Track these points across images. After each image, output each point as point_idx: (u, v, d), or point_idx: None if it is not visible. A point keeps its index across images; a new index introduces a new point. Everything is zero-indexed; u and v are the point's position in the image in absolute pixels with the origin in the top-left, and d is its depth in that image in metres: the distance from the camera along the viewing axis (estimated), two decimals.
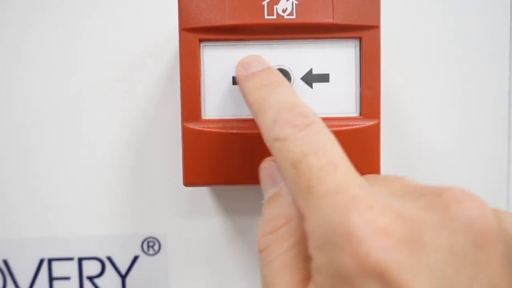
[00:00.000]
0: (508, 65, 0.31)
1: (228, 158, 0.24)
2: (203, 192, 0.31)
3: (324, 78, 0.25)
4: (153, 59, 0.30)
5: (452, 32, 0.30)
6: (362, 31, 0.24)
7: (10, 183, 0.31)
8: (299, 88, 0.25)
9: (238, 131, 0.24)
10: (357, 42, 0.25)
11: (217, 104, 0.25)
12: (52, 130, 0.30)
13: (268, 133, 0.18)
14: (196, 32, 0.24)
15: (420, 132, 0.31)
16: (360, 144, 0.24)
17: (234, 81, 0.25)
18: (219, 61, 0.25)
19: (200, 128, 0.24)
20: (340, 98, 0.25)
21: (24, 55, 0.30)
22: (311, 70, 0.25)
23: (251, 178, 0.25)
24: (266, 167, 0.20)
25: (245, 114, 0.25)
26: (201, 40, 0.24)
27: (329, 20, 0.24)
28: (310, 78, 0.25)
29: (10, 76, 0.30)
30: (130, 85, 0.30)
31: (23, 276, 0.32)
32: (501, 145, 0.31)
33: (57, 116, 0.30)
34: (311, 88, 0.25)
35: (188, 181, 0.25)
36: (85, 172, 0.31)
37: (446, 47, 0.30)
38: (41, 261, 0.31)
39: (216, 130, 0.24)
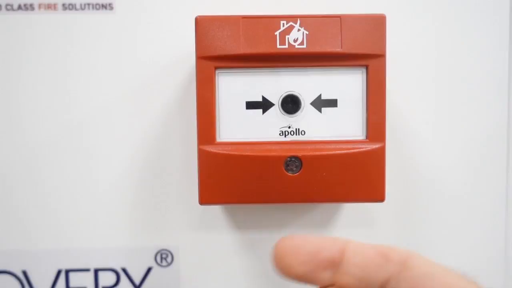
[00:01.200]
0: (507, 90, 0.32)
1: (241, 179, 0.26)
2: (214, 208, 0.32)
3: (333, 103, 0.26)
4: (168, 79, 0.31)
5: (454, 59, 0.31)
6: (369, 60, 0.26)
7: (29, 196, 0.32)
8: (309, 113, 0.26)
9: (251, 154, 0.26)
10: (363, 70, 0.26)
11: (231, 128, 0.26)
12: (70, 146, 0.32)
13: None
14: (212, 60, 0.25)
15: (424, 155, 0.32)
16: (366, 166, 0.26)
17: (248, 106, 0.26)
18: (233, 87, 0.26)
19: (215, 151, 0.26)
20: (348, 122, 0.26)
21: (45, 71, 0.31)
22: (320, 96, 0.26)
23: (262, 197, 0.26)
24: None
25: (257, 137, 0.26)
26: (216, 68, 0.26)
27: (338, 50, 0.25)
28: (319, 103, 0.26)
29: (31, 92, 0.31)
30: (146, 103, 0.31)
31: (42, 286, 0.33)
32: (500, 165, 0.32)
33: (75, 133, 0.32)
34: (320, 113, 0.26)
35: (204, 200, 0.26)
36: (101, 187, 0.32)
37: (449, 74, 0.31)
38: (59, 272, 0.33)
39: (230, 152, 0.26)
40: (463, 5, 0.31)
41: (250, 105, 0.26)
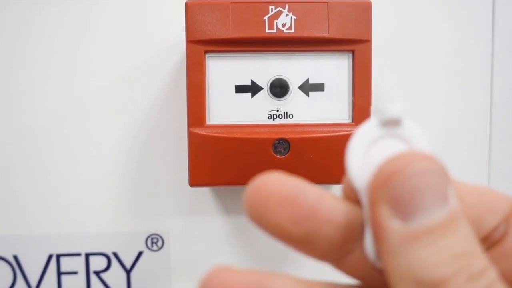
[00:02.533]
0: (490, 77, 0.33)
1: (230, 161, 0.26)
2: (204, 192, 0.33)
3: (320, 87, 0.27)
4: (158, 65, 0.31)
5: (439, 45, 0.32)
6: (355, 45, 0.26)
7: (20, 182, 0.32)
8: (297, 97, 0.27)
9: (240, 136, 0.26)
10: (350, 55, 0.27)
11: (220, 111, 0.27)
12: (61, 132, 0.32)
13: None
14: (202, 44, 0.26)
15: None
16: None
17: (237, 89, 0.27)
18: (223, 70, 0.27)
19: (205, 133, 0.26)
20: (334, 106, 0.27)
21: (36, 60, 0.31)
22: (307, 80, 0.27)
23: (251, 179, 0.27)
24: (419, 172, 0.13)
25: (246, 120, 0.27)
26: (206, 52, 0.26)
27: (325, 35, 0.26)
28: (306, 87, 0.27)
29: (23, 79, 0.32)
30: (137, 88, 0.32)
31: (33, 270, 0.33)
32: (482, 149, 0.33)
33: (66, 119, 0.32)
34: (307, 97, 0.27)
35: (194, 182, 0.27)
36: (92, 172, 0.32)
37: (433, 59, 0.32)
38: (50, 257, 0.33)
39: (220, 135, 0.26)
40: None
41: (239, 88, 0.27)
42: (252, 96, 0.27)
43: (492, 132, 0.33)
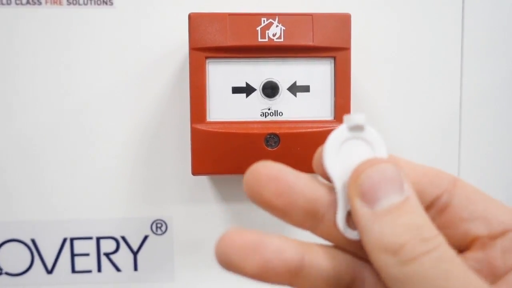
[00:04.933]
0: (459, 79, 0.36)
1: (227, 153, 0.30)
2: (204, 181, 0.36)
3: (306, 88, 0.31)
4: (163, 67, 0.34)
5: (412, 51, 0.35)
6: (336, 52, 0.30)
7: (37, 173, 0.35)
8: (286, 97, 0.31)
9: (236, 131, 0.30)
10: (332, 60, 0.30)
11: (219, 109, 0.30)
12: (76, 127, 0.35)
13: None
14: (203, 51, 0.29)
15: (385, 132, 0.36)
16: None
17: (233, 90, 0.31)
18: (221, 74, 0.30)
19: (205, 129, 0.30)
20: (318, 105, 0.31)
21: (50, 60, 0.34)
22: (295, 82, 0.31)
23: (246, 169, 0.30)
24: (378, 171, 0.17)
25: (241, 117, 0.31)
26: (207, 58, 0.30)
27: (310, 43, 0.30)
28: (294, 89, 0.31)
29: (35, 77, 0.34)
30: (144, 88, 0.35)
31: (49, 253, 0.36)
32: (452, 146, 0.36)
33: (79, 113, 0.35)
34: (295, 97, 0.31)
35: (196, 171, 0.30)
36: (103, 163, 0.35)
37: (407, 64, 0.35)
38: (64, 240, 0.36)
39: (219, 130, 0.30)
40: (420, 4, 0.36)
41: (236, 89, 0.30)
42: (247, 96, 0.31)
43: (462, 128, 0.36)
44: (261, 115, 0.31)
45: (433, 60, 0.36)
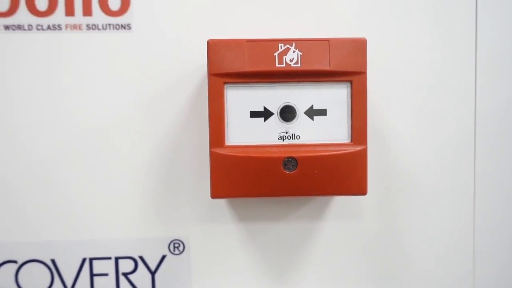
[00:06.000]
0: (473, 98, 0.37)
1: (246, 176, 0.30)
2: (221, 202, 0.36)
3: (323, 112, 0.31)
4: (181, 90, 0.35)
5: (427, 73, 0.36)
6: (353, 76, 0.30)
7: (58, 194, 0.35)
8: (303, 120, 0.31)
9: (255, 155, 0.30)
10: (348, 84, 0.31)
11: (237, 133, 0.31)
12: (96, 148, 0.35)
13: None
14: (222, 77, 0.30)
15: (402, 154, 0.36)
16: (351, 165, 0.31)
17: (251, 115, 0.31)
18: (239, 99, 0.30)
19: (224, 153, 0.30)
20: (335, 128, 0.31)
21: (72, 82, 0.35)
22: (312, 106, 0.31)
23: (264, 191, 0.31)
24: None
25: (259, 141, 0.31)
26: (225, 83, 0.30)
27: (327, 68, 0.30)
28: (311, 112, 0.31)
29: (62, 97, 0.35)
30: (162, 112, 0.35)
31: (68, 273, 0.36)
32: (468, 164, 0.36)
33: (101, 134, 0.35)
34: (312, 120, 0.31)
35: (215, 194, 0.30)
36: (121, 184, 0.35)
37: (422, 85, 0.36)
38: (84, 260, 0.36)
39: (237, 154, 0.30)
40: (433, 27, 0.36)
41: (254, 114, 0.31)
42: (265, 120, 0.31)
43: (476, 146, 0.36)
44: (278, 138, 0.31)
45: (447, 80, 0.36)
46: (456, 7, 0.35)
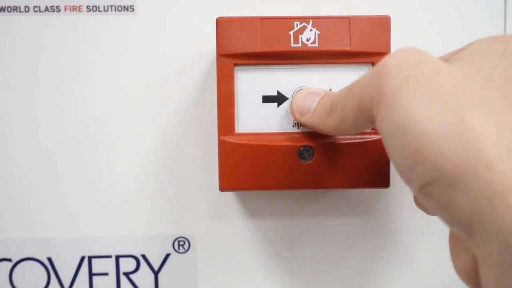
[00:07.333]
0: None
1: (258, 167, 0.28)
2: (229, 196, 0.34)
3: None
4: (187, 75, 0.33)
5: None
6: (375, 57, 0.28)
7: (54, 188, 0.34)
8: None
9: (267, 143, 0.28)
10: (370, 66, 0.28)
11: (248, 120, 0.28)
12: (93, 138, 0.34)
13: None
14: (231, 58, 0.28)
15: None
16: (373, 155, 0.28)
17: (264, 99, 0.29)
18: (251, 82, 0.28)
19: (234, 141, 0.28)
20: None
21: (70, 68, 0.33)
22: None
23: (278, 183, 0.28)
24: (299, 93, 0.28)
25: (273, 128, 0.29)
26: (235, 65, 0.28)
27: (347, 48, 0.28)
28: None
29: (56, 86, 0.33)
30: (167, 98, 0.33)
31: (66, 272, 0.35)
32: None
33: (101, 124, 0.33)
34: None
35: (224, 186, 0.28)
36: (122, 178, 0.34)
37: None
38: (82, 258, 0.35)
39: (248, 142, 0.28)
40: (460, 8, 0.34)
41: (266, 99, 0.28)
42: (278, 105, 0.29)
43: None
44: (293, 125, 0.29)
45: None
46: None
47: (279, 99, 0.29)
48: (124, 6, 0.33)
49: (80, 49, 0.33)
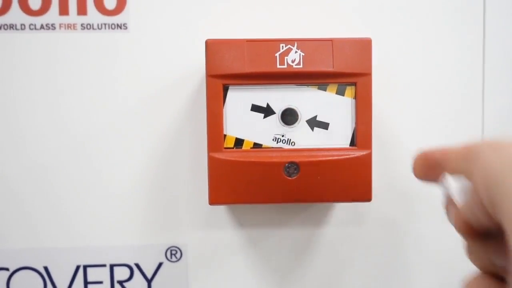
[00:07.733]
0: (481, 100, 0.36)
1: (246, 182, 0.29)
2: (218, 209, 0.35)
3: (324, 125, 0.30)
4: (178, 92, 0.34)
5: (434, 75, 0.35)
6: (357, 78, 0.29)
7: (50, 200, 0.35)
8: (302, 128, 0.30)
9: (255, 160, 0.29)
10: (353, 87, 0.30)
11: (235, 127, 0.29)
12: (90, 153, 0.34)
13: None
14: (220, 78, 0.29)
15: (406, 157, 0.35)
16: (355, 170, 0.29)
17: (253, 108, 0.30)
18: (239, 101, 0.29)
19: (223, 157, 0.29)
20: (338, 132, 0.30)
21: (66, 83, 0.34)
22: (316, 117, 0.30)
23: (265, 198, 0.29)
24: None
25: (253, 138, 0.30)
26: (224, 85, 0.29)
27: (330, 69, 0.29)
28: (313, 123, 0.30)
29: (55, 100, 0.34)
30: (158, 114, 0.34)
31: (62, 280, 0.35)
32: None
33: (94, 139, 0.34)
34: (312, 131, 0.30)
35: (213, 201, 0.29)
36: (117, 190, 0.35)
37: (429, 88, 0.35)
38: (77, 268, 0.35)
39: (236, 159, 0.29)
40: (440, 27, 0.35)
41: (255, 108, 0.29)
42: (265, 117, 0.30)
43: None
44: (273, 140, 0.30)
45: (454, 83, 0.35)
46: (464, 7, 0.34)
47: (267, 111, 0.30)
48: (117, 24, 0.34)
49: (74, 66, 0.34)
